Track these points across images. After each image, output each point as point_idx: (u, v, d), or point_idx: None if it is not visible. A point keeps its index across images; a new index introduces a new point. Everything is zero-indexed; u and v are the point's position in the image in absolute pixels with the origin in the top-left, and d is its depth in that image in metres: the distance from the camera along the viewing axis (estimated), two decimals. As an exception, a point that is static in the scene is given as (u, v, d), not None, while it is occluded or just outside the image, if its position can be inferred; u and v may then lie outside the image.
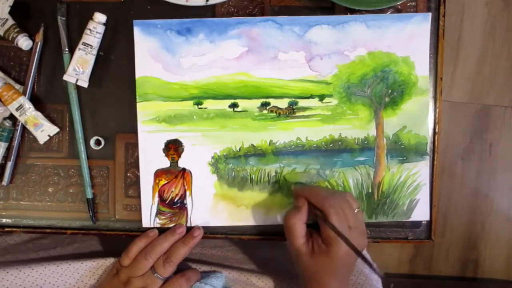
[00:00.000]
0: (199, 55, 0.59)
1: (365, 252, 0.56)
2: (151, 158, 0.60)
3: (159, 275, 0.56)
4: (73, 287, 0.61)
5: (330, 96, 0.59)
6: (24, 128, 0.60)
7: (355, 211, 0.53)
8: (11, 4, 0.58)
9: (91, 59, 0.59)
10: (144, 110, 0.59)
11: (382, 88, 0.59)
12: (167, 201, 0.60)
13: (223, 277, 0.60)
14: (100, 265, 0.61)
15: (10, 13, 0.58)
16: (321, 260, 0.52)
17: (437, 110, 0.60)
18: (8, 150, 0.60)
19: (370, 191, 0.60)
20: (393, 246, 1.34)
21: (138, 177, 0.60)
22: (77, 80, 0.59)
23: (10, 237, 0.68)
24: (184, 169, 0.60)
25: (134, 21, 0.59)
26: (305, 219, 0.54)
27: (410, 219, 0.60)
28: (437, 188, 0.60)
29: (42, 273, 0.60)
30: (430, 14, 0.59)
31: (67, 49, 0.59)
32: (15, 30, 0.58)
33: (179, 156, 0.60)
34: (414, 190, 0.60)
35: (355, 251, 0.49)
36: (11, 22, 0.58)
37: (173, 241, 0.57)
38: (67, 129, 0.61)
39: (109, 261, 0.61)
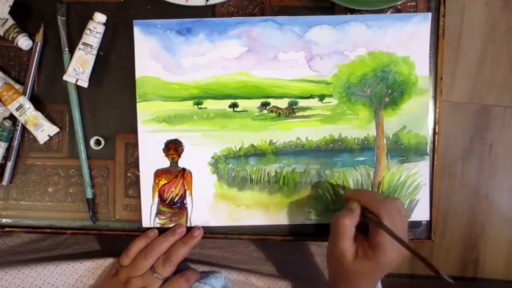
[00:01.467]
0: (199, 55, 0.59)
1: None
2: (151, 158, 0.60)
3: (158, 275, 0.56)
4: (72, 287, 0.61)
5: (330, 96, 0.59)
6: (24, 128, 0.60)
7: (404, 219, 0.53)
8: (11, 4, 0.58)
9: (91, 59, 0.59)
10: (144, 110, 0.59)
11: (382, 88, 0.59)
12: (167, 201, 0.60)
13: (222, 277, 0.60)
14: (99, 265, 0.61)
15: (10, 13, 0.58)
16: (364, 264, 0.51)
17: (437, 110, 0.60)
18: (8, 150, 0.60)
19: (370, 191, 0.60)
20: (393, 246, 1.33)
21: (138, 177, 0.60)
22: (77, 80, 0.59)
23: (9, 238, 0.68)
24: (184, 169, 0.60)
25: (134, 21, 0.59)
26: (356, 221, 0.53)
27: (410, 219, 0.60)
28: (437, 188, 0.60)
29: (41, 273, 0.60)
30: (430, 14, 0.59)
31: (67, 49, 0.59)
32: (15, 30, 0.58)
33: (179, 156, 0.60)
34: (414, 190, 0.60)
35: (415, 254, 0.48)
36: (11, 22, 0.58)
37: (173, 241, 0.57)
38: (67, 129, 0.61)
39: (108, 261, 0.61)
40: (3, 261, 0.62)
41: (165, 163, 0.60)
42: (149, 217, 0.60)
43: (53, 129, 0.60)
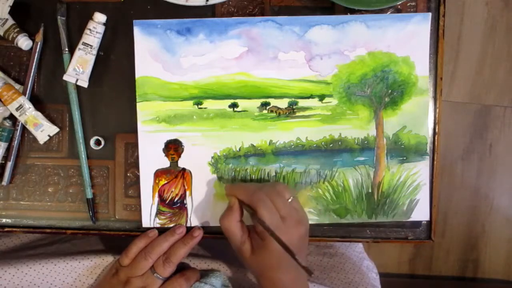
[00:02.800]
0: (199, 55, 0.59)
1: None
2: (151, 158, 0.60)
3: (158, 275, 0.56)
4: (70, 286, 0.61)
5: (330, 96, 0.59)
6: (24, 128, 0.60)
7: (289, 200, 0.53)
8: (11, 4, 0.58)
9: (91, 59, 0.59)
10: (144, 110, 0.59)
11: (382, 88, 0.59)
12: (167, 201, 0.60)
13: (222, 276, 0.61)
14: (98, 264, 0.61)
15: (10, 13, 0.58)
16: (261, 255, 0.52)
17: (437, 110, 0.60)
18: (8, 150, 0.60)
19: (370, 191, 0.60)
20: (393, 246, 1.34)
21: (138, 177, 0.60)
22: (77, 80, 0.59)
23: (9, 239, 0.68)
24: (184, 169, 0.60)
25: (134, 21, 0.59)
26: (238, 218, 0.53)
27: (410, 219, 0.60)
28: (437, 188, 0.60)
29: (40, 272, 0.60)
30: (430, 14, 0.59)
31: (67, 49, 0.59)
32: (15, 30, 0.58)
33: (179, 156, 0.60)
34: (414, 190, 0.60)
35: (281, 244, 0.48)
36: (11, 22, 0.58)
37: (172, 242, 0.57)
38: (67, 129, 0.61)
39: (107, 260, 0.61)
40: (2, 260, 0.62)
41: (165, 163, 0.60)
42: (149, 217, 0.60)
43: (53, 129, 0.60)
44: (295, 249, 0.49)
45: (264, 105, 0.59)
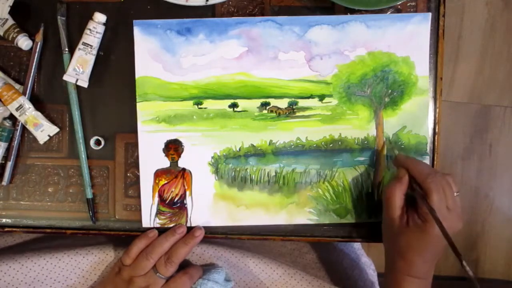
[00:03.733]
0: (199, 55, 0.59)
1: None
2: (151, 158, 0.60)
3: (161, 274, 0.56)
4: (74, 282, 0.61)
5: (330, 96, 0.59)
6: (24, 128, 0.60)
7: (455, 194, 0.52)
8: (11, 4, 0.58)
9: (91, 59, 0.59)
10: (144, 110, 0.59)
11: (382, 88, 0.59)
12: (167, 201, 0.60)
13: (224, 271, 0.61)
14: (101, 260, 0.61)
15: (10, 13, 0.58)
16: (413, 235, 0.51)
17: (437, 110, 0.60)
18: (8, 150, 0.60)
19: (370, 191, 0.60)
20: (393, 246, 1.33)
21: (138, 177, 0.60)
22: (77, 80, 0.59)
23: (11, 238, 0.68)
24: (184, 169, 0.60)
25: (134, 21, 0.59)
26: (404, 190, 0.53)
27: (410, 219, 0.60)
28: (437, 188, 0.60)
29: (44, 268, 0.60)
30: (430, 14, 0.59)
31: (67, 49, 0.59)
32: (15, 30, 0.58)
33: (179, 156, 0.60)
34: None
35: (447, 238, 0.47)
36: (11, 22, 0.58)
37: (173, 241, 0.57)
38: (67, 129, 0.61)
39: (111, 255, 0.61)
40: (6, 255, 0.62)
41: (165, 163, 0.60)
42: (149, 217, 0.60)
43: (53, 129, 0.60)
44: (445, 243, 0.50)
45: (264, 105, 0.59)
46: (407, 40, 0.59)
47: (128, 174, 0.61)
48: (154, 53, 0.59)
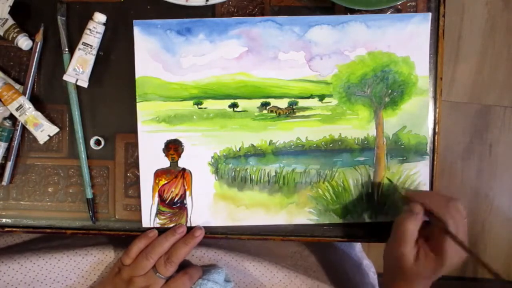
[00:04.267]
0: (199, 55, 0.59)
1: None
2: (151, 158, 0.60)
3: (161, 274, 0.56)
4: (73, 283, 0.61)
5: (330, 96, 0.59)
6: (24, 128, 0.60)
7: (464, 220, 0.52)
8: (11, 4, 0.58)
9: (91, 59, 0.59)
10: (144, 110, 0.59)
11: (382, 88, 0.59)
12: (167, 201, 0.60)
13: (223, 271, 0.61)
14: (101, 260, 0.61)
15: (10, 13, 0.58)
16: (426, 267, 0.51)
17: (437, 110, 0.60)
18: (8, 150, 0.60)
19: (370, 191, 0.60)
20: (393, 246, 1.33)
21: (138, 177, 0.60)
22: (77, 80, 0.59)
23: (11, 238, 0.68)
24: (184, 169, 0.60)
25: (134, 21, 0.59)
26: (419, 225, 0.52)
27: (410, 219, 0.60)
28: (437, 188, 0.60)
29: (43, 268, 0.60)
30: (430, 14, 0.59)
31: (67, 49, 0.59)
32: (15, 30, 0.58)
33: (179, 156, 0.60)
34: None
35: (477, 260, 0.48)
36: (11, 22, 0.58)
37: (173, 241, 0.57)
38: (67, 129, 0.61)
39: (110, 256, 0.61)
40: (5, 255, 0.62)
41: (165, 163, 0.60)
42: (149, 217, 0.60)
43: (53, 129, 0.60)
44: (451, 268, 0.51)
45: (264, 105, 0.59)
46: (407, 40, 0.59)
47: (128, 174, 0.61)
48: (154, 53, 0.59)
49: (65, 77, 0.58)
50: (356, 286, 0.69)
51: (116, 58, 0.60)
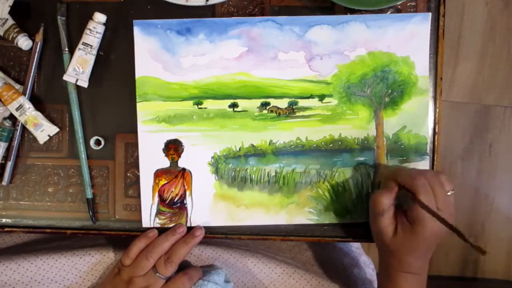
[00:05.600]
0: (199, 55, 0.59)
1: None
2: (151, 158, 0.60)
3: (160, 274, 0.56)
4: (71, 283, 0.61)
5: (330, 96, 0.59)
6: (24, 128, 0.60)
7: (448, 193, 0.52)
8: (11, 4, 0.58)
9: (91, 59, 0.59)
10: (144, 110, 0.59)
11: (382, 88, 0.59)
12: (167, 201, 0.60)
13: (223, 272, 0.61)
14: (99, 261, 0.61)
15: (10, 13, 0.58)
16: (403, 238, 0.52)
17: (437, 110, 0.60)
18: (8, 150, 0.60)
19: (370, 191, 0.60)
20: (393, 246, 1.33)
21: (138, 177, 0.60)
22: (77, 80, 0.59)
23: (10, 237, 0.68)
24: (184, 169, 0.60)
25: (134, 21, 0.59)
26: (392, 199, 0.53)
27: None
28: (437, 188, 0.60)
29: (41, 268, 0.60)
30: (430, 14, 0.59)
31: (67, 49, 0.59)
32: (15, 30, 0.58)
33: (179, 156, 0.60)
34: (414, 190, 0.60)
35: (448, 226, 0.48)
36: (11, 22, 0.58)
37: (173, 241, 0.57)
38: (67, 129, 0.61)
39: (108, 256, 0.61)
40: (3, 255, 0.62)
41: (165, 163, 0.60)
42: (149, 217, 0.60)
43: (53, 129, 0.60)
44: (437, 239, 0.52)
45: (264, 105, 0.59)
46: (407, 40, 0.59)
47: (128, 174, 0.61)
48: (154, 53, 0.59)
49: (65, 77, 0.58)
50: (354, 281, 0.69)
51: (116, 58, 0.60)
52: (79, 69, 0.58)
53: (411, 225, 0.51)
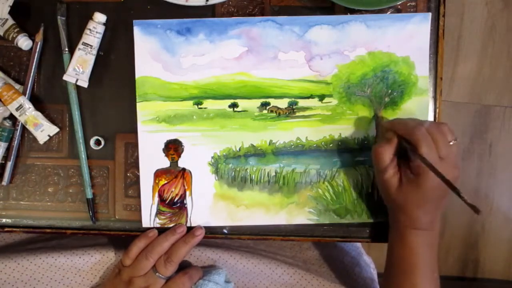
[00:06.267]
0: (199, 55, 0.59)
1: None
2: (151, 158, 0.60)
3: (160, 274, 0.56)
4: (70, 282, 0.61)
5: (330, 96, 0.59)
6: (24, 128, 0.60)
7: (450, 143, 0.51)
8: (11, 4, 0.58)
9: (91, 59, 0.59)
10: (144, 110, 0.59)
11: (382, 88, 0.59)
12: (167, 201, 0.60)
13: (224, 272, 0.61)
14: (98, 261, 0.61)
15: (10, 13, 0.58)
16: (409, 190, 0.51)
17: (437, 110, 0.60)
18: (8, 150, 0.60)
19: (370, 191, 0.60)
20: (393, 246, 1.33)
21: (138, 177, 0.60)
22: (77, 80, 0.59)
23: (9, 235, 0.68)
24: (184, 169, 0.60)
25: (134, 21, 0.59)
26: (393, 151, 0.52)
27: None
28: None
29: (40, 267, 0.60)
30: (430, 14, 0.59)
31: (67, 49, 0.59)
32: (15, 30, 0.58)
33: (179, 156, 0.60)
34: (414, 190, 0.60)
35: (444, 181, 0.46)
36: (11, 22, 0.58)
37: (173, 241, 0.57)
38: (67, 129, 0.61)
39: (107, 256, 0.62)
40: (2, 254, 0.62)
41: (165, 163, 0.60)
42: (149, 217, 0.60)
43: (53, 129, 0.60)
44: (443, 193, 0.50)
45: (264, 105, 0.59)
46: (407, 40, 0.59)
47: (128, 174, 0.61)
48: (154, 53, 0.59)
49: (65, 77, 0.58)
50: (355, 281, 0.69)
51: (116, 58, 0.60)
52: (79, 69, 0.58)
53: (415, 176, 0.50)
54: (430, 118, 0.59)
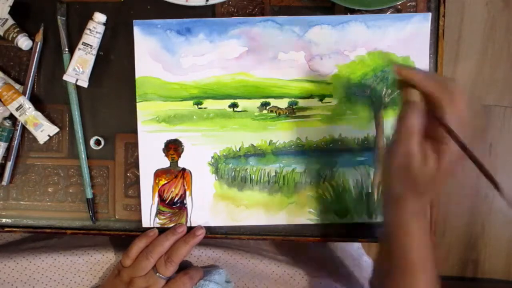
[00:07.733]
0: (199, 55, 0.59)
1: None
2: (151, 158, 0.60)
3: (161, 274, 0.56)
4: (69, 282, 0.61)
5: (330, 96, 0.59)
6: (24, 128, 0.60)
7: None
8: (11, 4, 0.58)
9: (91, 59, 0.59)
10: (144, 110, 0.59)
11: (382, 88, 0.59)
12: (167, 201, 0.60)
13: (224, 272, 0.61)
14: (98, 261, 0.61)
15: (10, 13, 0.58)
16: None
17: (437, 110, 0.59)
18: (8, 150, 0.60)
19: (370, 191, 0.60)
20: (393, 246, 1.33)
21: (138, 177, 0.60)
22: (77, 80, 0.59)
23: (9, 234, 0.68)
24: (184, 169, 0.60)
25: (134, 21, 0.59)
26: (422, 116, 0.42)
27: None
28: (437, 188, 0.60)
29: (39, 266, 0.60)
30: (430, 14, 0.59)
31: (67, 49, 0.59)
32: (15, 30, 0.58)
33: (179, 156, 0.60)
34: (414, 190, 0.60)
35: (484, 172, 0.39)
36: (11, 22, 0.58)
37: (173, 241, 0.57)
38: (67, 129, 0.61)
39: (107, 256, 0.61)
40: (1, 253, 0.62)
41: (165, 163, 0.60)
42: (149, 217, 0.60)
43: (53, 129, 0.60)
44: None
45: (264, 105, 0.59)
46: (407, 40, 0.59)
47: (128, 174, 0.61)
48: (154, 53, 0.59)
49: (65, 77, 0.58)
50: (356, 281, 0.69)
51: (116, 58, 0.60)
52: (79, 69, 0.58)
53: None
54: (430, 118, 0.59)
